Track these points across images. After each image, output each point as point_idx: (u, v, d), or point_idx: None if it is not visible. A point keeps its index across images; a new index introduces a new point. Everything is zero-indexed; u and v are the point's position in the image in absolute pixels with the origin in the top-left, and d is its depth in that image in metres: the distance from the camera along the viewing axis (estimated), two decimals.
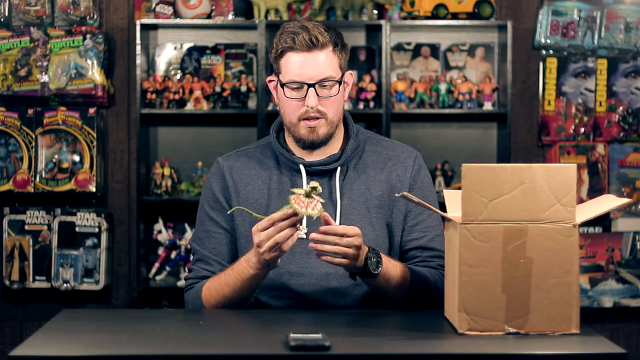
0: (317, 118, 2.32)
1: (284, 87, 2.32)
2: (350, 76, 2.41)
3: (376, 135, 2.49)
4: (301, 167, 2.35)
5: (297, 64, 2.30)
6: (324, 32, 2.31)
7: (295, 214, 2.10)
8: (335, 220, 2.30)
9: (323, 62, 2.31)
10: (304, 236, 2.28)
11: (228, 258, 2.38)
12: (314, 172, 2.36)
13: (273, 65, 2.38)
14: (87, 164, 4.30)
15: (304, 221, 2.30)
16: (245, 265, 2.22)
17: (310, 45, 2.29)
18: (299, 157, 2.38)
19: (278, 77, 2.36)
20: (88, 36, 4.30)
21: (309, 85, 2.30)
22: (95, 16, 4.35)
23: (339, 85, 2.34)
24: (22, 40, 4.32)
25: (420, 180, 2.40)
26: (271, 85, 2.42)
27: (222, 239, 2.39)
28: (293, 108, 2.32)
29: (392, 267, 2.24)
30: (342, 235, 2.12)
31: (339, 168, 2.36)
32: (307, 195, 2.06)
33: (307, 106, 2.30)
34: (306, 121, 2.32)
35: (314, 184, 2.06)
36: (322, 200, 2.08)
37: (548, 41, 4.43)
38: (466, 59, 4.45)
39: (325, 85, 2.31)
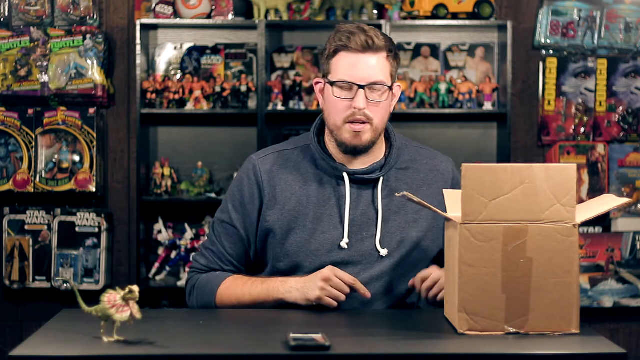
0: (363, 122, 2.27)
1: (334, 86, 2.27)
2: (399, 88, 2.36)
3: (409, 140, 2.45)
4: (345, 175, 2.32)
5: (349, 64, 2.26)
6: (380, 36, 2.27)
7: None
8: (376, 231, 2.30)
9: (375, 66, 2.26)
10: (345, 246, 2.29)
11: (240, 260, 2.38)
12: (357, 180, 2.32)
13: (323, 66, 2.34)
14: (87, 164, 4.30)
15: (345, 233, 2.29)
16: (280, 288, 2.24)
17: (365, 47, 2.25)
18: (341, 164, 2.33)
19: (326, 77, 2.31)
20: (88, 36, 4.30)
21: (359, 87, 2.25)
22: (95, 16, 4.35)
23: (389, 91, 2.29)
24: (22, 40, 4.32)
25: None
26: (317, 87, 2.36)
27: (237, 242, 2.37)
28: (340, 109, 2.27)
29: None
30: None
31: (381, 178, 2.34)
32: (123, 298, 1.83)
33: (355, 108, 2.25)
34: (351, 124, 2.27)
35: (134, 288, 1.83)
36: (136, 311, 1.84)
37: (548, 41, 4.43)
38: (466, 59, 4.45)
39: (375, 89, 2.27)
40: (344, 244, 2.29)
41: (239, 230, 2.36)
